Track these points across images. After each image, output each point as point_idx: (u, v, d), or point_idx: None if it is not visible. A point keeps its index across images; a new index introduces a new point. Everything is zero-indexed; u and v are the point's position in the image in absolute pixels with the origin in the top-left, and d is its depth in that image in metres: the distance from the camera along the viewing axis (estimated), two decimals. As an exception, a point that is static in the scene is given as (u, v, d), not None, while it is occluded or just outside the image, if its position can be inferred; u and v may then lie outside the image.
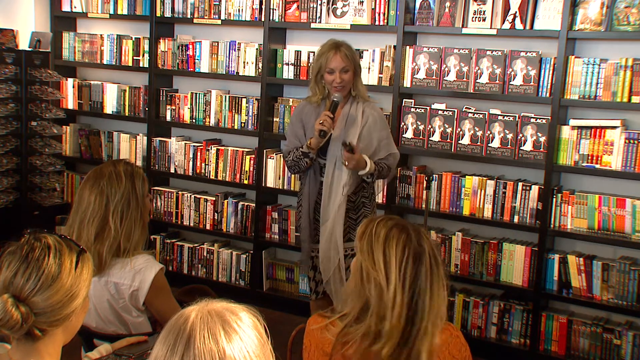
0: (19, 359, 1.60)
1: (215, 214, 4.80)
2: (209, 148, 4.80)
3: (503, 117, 3.92)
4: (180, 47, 4.84)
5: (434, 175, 4.10)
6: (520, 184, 3.92)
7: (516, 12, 3.85)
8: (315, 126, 3.30)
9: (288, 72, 4.50)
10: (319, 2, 4.33)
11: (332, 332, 1.84)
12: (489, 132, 3.96)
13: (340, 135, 3.37)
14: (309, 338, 1.91)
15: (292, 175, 4.50)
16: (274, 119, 4.56)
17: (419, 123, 4.12)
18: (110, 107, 5.19)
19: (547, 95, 3.80)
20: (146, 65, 4.98)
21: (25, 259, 1.58)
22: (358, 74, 3.45)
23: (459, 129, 4.03)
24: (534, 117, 3.85)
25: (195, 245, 4.89)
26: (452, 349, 1.88)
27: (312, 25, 4.36)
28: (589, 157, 3.74)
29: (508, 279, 3.97)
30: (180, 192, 4.93)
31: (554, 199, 3.82)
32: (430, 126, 4.09)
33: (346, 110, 3.44)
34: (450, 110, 4.05)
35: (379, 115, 3.49)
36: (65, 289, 1.59)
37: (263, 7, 4.48)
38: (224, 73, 4.70)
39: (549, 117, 3.80)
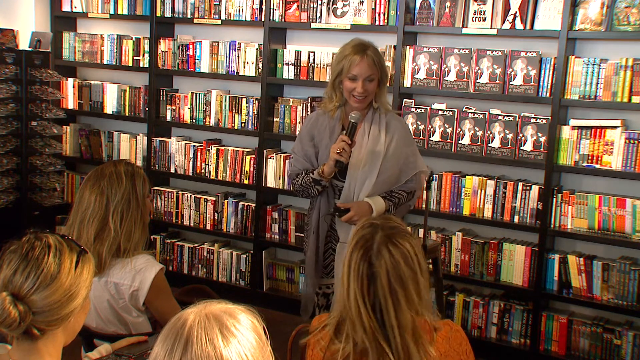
0: (19, 359, 1.60)
1: (216, 214, 4.80)
2: (209, 148, 4.80)
3: (503, 117, 3.92)
4: (180, 47, 4.84)
5: (434, 175, 4.10)
6: (520, 184, 3.92)
7: (516, 12, 3.85)
8: (331, 154, 2.81)
9: (288, 72, 4.50)
10: (319, 2, 4.33)
11: (321, 346, 1.87)
12: (489, 132, 3.96)
13: (362, 162, 2.90)
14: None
15: (292, 175, 4.50)
16: (274, 119, 4.57)
17: (419, 123, 4.12)
18: (110, 107, 5.19)
19: (547, 95, 3.80)
20: (146, 65, 4.98)
21: (25, 258, 1.58)
22: (384, 83, 2.94)
23: (459, 129, 4.03)
24: (534, 117, 3.85)
25: (196, 245, 4.90)
26: (453, 343, 1.89)
27: (312, 25, 4.36)
28: (589, 157, 3.74)
29: (508, 279, 3.97)
30: (180, 192, 4.93)
31: (554, 199, 3.82)
32: (430, 126, 4.09)
33: (367, 128, 2.94)
34: (451, 110, 4.05)
35: (404, 129, 3.04)
36: (64, 288, 1.59)
37: (263, 7, 4.48)
38: (224, 73, 4.70)
39: (549, 117, 3.80)
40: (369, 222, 1.92)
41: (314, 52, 4.40)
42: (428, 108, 4.11)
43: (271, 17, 4.47)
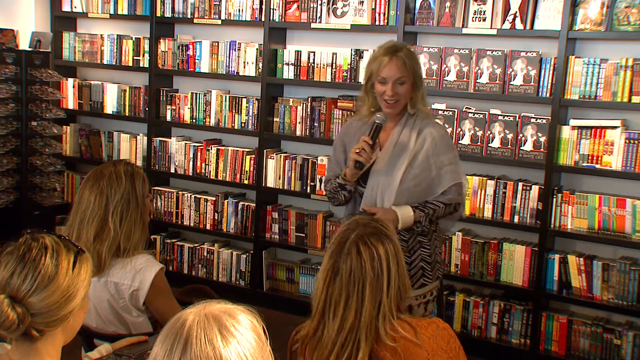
0: (18, 359, 1.60)
1: (216, 214, 4.80)
2: (209, 148, 4.80)
3: (503, 117, 3.92)
4: (180, 47, 4.84)
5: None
6: (520, 184, 3.92)
7: (516, 12, 3.85)
8: (350, 154, 2.71)
9: (288, 72, 4.50)
10: (319, 2, 4.33)
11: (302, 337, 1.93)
12: (489, 132, 3.96)
13: (385, 168, 2.75)
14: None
15: (292, 175, 4.50)
16: (274, 119, 4.57)
17: (419, 123, 4.11)
18: (110, 107, 5.19)
19: (547, 95, 3.80)
20: (146, 65, 4.98)
21: (22, 259, 1.57)
22: (419, 87, 2.76)
23: (459, 129, 4.03)
24: (534, 117, 3.85)
25: (196, 245, 4.90)
26: (440, 341, 1.88)
27: (312, 25, 4.36)
28: (589, 157, 3.74)
29: (508, 279, 3.97)
30: (180, 192, 4.93)
31: (554, 199, 3.82)
32: (430, 126, 4.09)
33: (396, 133, 2.78)
34: (450, 110, 4.05)
35: (440, 135, 2.79)
36: (62, 289, 1.58)
37: (263, 7, 4.48)
38: (224, 73, 4.70)
39: (549, 117, 3.80)
40: (355, 221, 1.93)
41: (314, 52, 4.40)
42: (428, 108, 4.10)
43: (271, 17, 4.47)
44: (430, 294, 2.85)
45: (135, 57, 5.05)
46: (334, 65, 4.33)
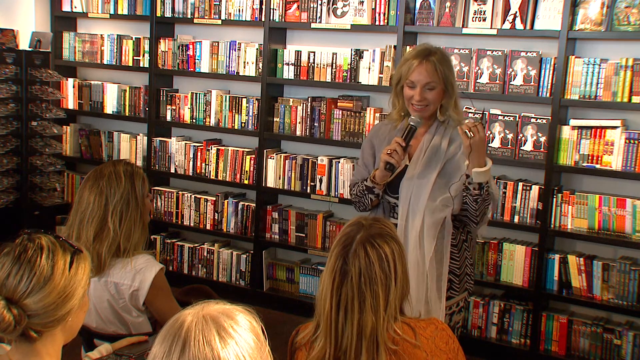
0: (18, 360, 1.60)
1: (216, 214, 4.80)
2: (209, 148, 4.80)
3: (503, 117, 3.92)
4: (180, 47, 4.85)
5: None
6: (520, 184, 3.91)
7: (516, 12, 3.85)
8: (381, 155, 2.60)
9: (288, 72, 4.50)
10: (319, 2, 4.33)
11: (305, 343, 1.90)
12: (489, 132, 3.95)
13: (417, 174, 2.63)
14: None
15: (292, 175, 4.50)
16: (274, 119, 4.57)
17: (419, 123, 4.11)
18: (110, 107, 5.19)
19: (548, 95, 3.80)
20: (146, 65, 4.99)
21: (18, 260, 1.56)
22: (450, 94, 2.64)
23: (459, 129, 4.02)
24: (534, 117, 3.85)
25: (196, 245, 4.90)
26: (439, 342, 1.87)
27: (312, 25, 4.36)
28: (589, 157, 3.74)
29: (508, 279, 3.97)
30: (180, 192, 4.93)
31: (554, 199, 3.82)
32: (430, 126, 4.09)
33: (426, 141, 2.68)
34: (451, 110, 4.05)
35: None
36: (59, 290, 1.57)
37: (263, 7, 4.48)
38: (224, 73, 4.71)
39: (549, 117, 3.80)
40: (356, 220, 1.92)
41: (314, 52, 4.40)
42: (428, 108, 4.10)
43: (271, 17, 4.47)
44: (456, 306, 2.77)
45: (135, 57, 5.05)
46: (334, 65, 4.33)
